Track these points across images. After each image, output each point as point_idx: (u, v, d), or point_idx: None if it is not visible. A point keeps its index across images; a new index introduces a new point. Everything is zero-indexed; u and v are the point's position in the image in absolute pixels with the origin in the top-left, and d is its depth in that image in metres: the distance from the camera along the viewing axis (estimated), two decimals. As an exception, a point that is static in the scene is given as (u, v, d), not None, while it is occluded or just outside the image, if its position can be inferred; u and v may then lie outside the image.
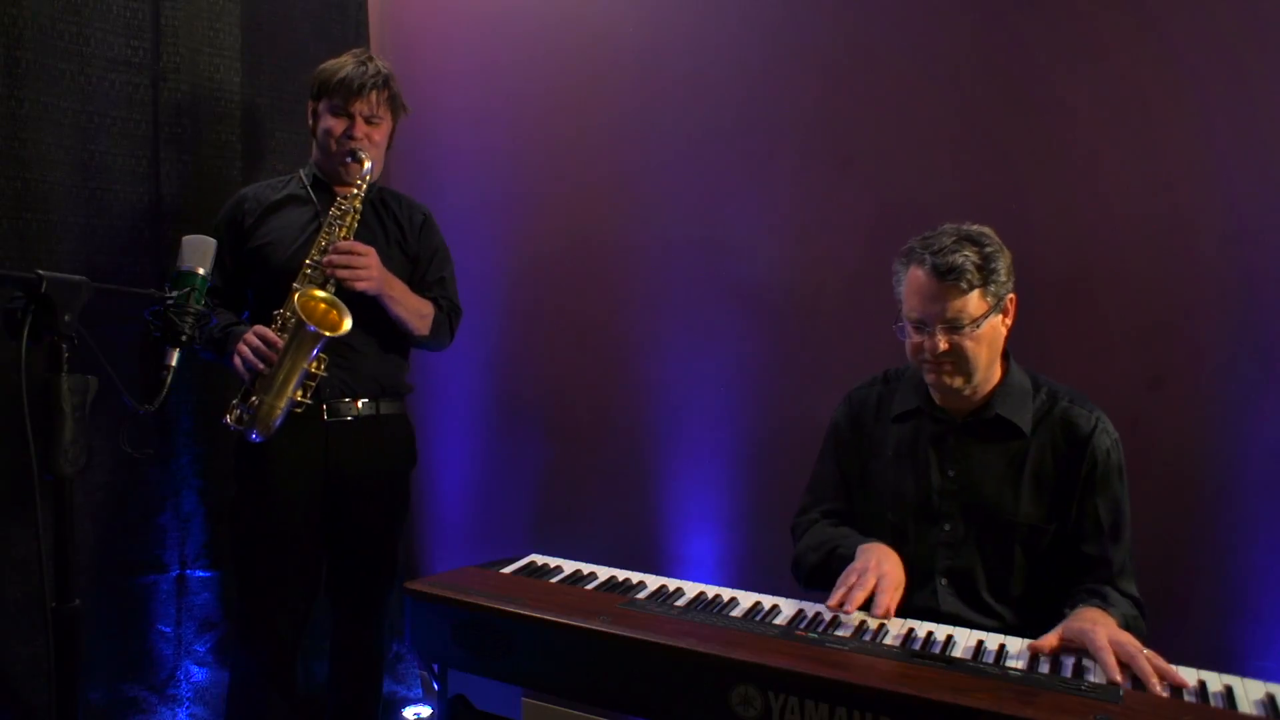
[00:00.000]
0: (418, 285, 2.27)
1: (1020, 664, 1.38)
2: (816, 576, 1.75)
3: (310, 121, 2.23)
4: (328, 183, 2.22)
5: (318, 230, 2.13)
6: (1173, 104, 1.97)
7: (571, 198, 2.69)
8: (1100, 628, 1.41)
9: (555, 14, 2.69)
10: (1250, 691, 1.31)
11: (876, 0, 2.27)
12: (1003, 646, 1.45)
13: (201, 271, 1.83)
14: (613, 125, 2.61)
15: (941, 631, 1.51)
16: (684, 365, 2.54)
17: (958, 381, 1.65)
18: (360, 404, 2.18)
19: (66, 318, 1.35)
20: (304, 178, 2.24)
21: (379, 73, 2.16)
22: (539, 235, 2.75)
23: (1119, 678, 1.32)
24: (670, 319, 2.55)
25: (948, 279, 1.59)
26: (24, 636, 2.11)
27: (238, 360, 2.01)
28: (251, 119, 2.54)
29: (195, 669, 2.48)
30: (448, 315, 2.31)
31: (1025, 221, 2.10)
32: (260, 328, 2.02)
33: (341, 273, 2.04)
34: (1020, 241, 2.10)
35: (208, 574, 2.48)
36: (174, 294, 1.74)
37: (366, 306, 2.10)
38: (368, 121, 2.16)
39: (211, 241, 1.88)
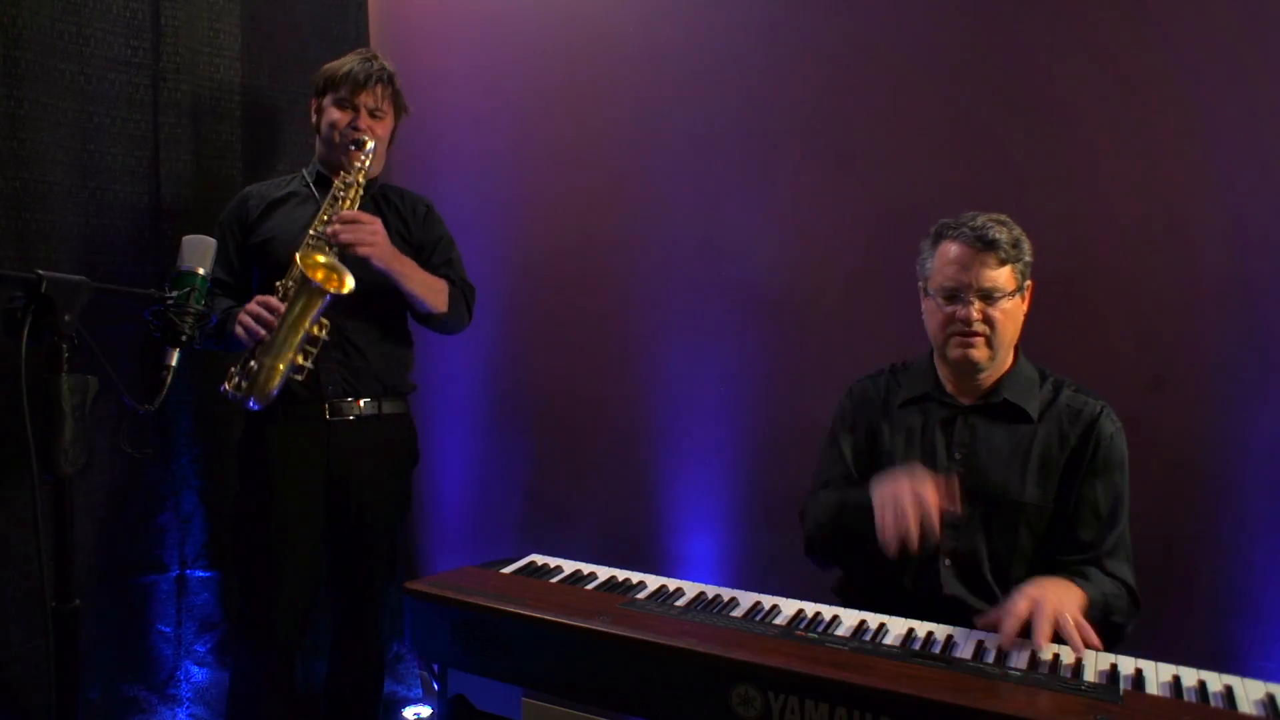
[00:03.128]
0: (426, 270, 2.25)
1: (1020, 664, 1.38)
2: (832, 543, 1.75)
3: (314, 118, 2.25)
4: (331, 178, 2.21)
5: None
6: (1173, 104, 1.97)
7: (571, 198, 2.69)
8: (1031, 592, 1.46)
9: (555, 14, 2.69)
10: (1250, 691, 1.31)
11: (876, 0, 2.27)
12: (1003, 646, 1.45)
13: (201, 271, 1.83)
14: (613, 125, 2.61)
15: (941, 631, 1.51)
16: (684, 365, 2.54)
17: (985, 354, 1.68)
18: (363, 403, 2.18)
19: (66, 318, 1.35)
20: (307, 175, 2.27)
21: (384, 69, 2.20)
22: (539, 235, 2.75)
23: (1006, 644, 1.40)
24: (670, 319, 2.55)
25: (986, 249, 1.65)
26: (24, 636, 2.11)
27: (239, 330, 1.99)
28: (251, 119, 2.54)
29: (195, 669, 2.48)
30: (463, 292, 2.31)
31: (1025, 221, 2.08)
32: (261, 296, 2.00)
33: (345, 237, 2.02)
34: (1020, 241, 2.11)
35: (208, 574, 2.48)
36: (174, 294, 1.74)
37: (370, 302, 2.10)
38: (372, 115, 2.18)
39: (211, 241, 1.88)
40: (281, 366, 1.98)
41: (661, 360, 2.57)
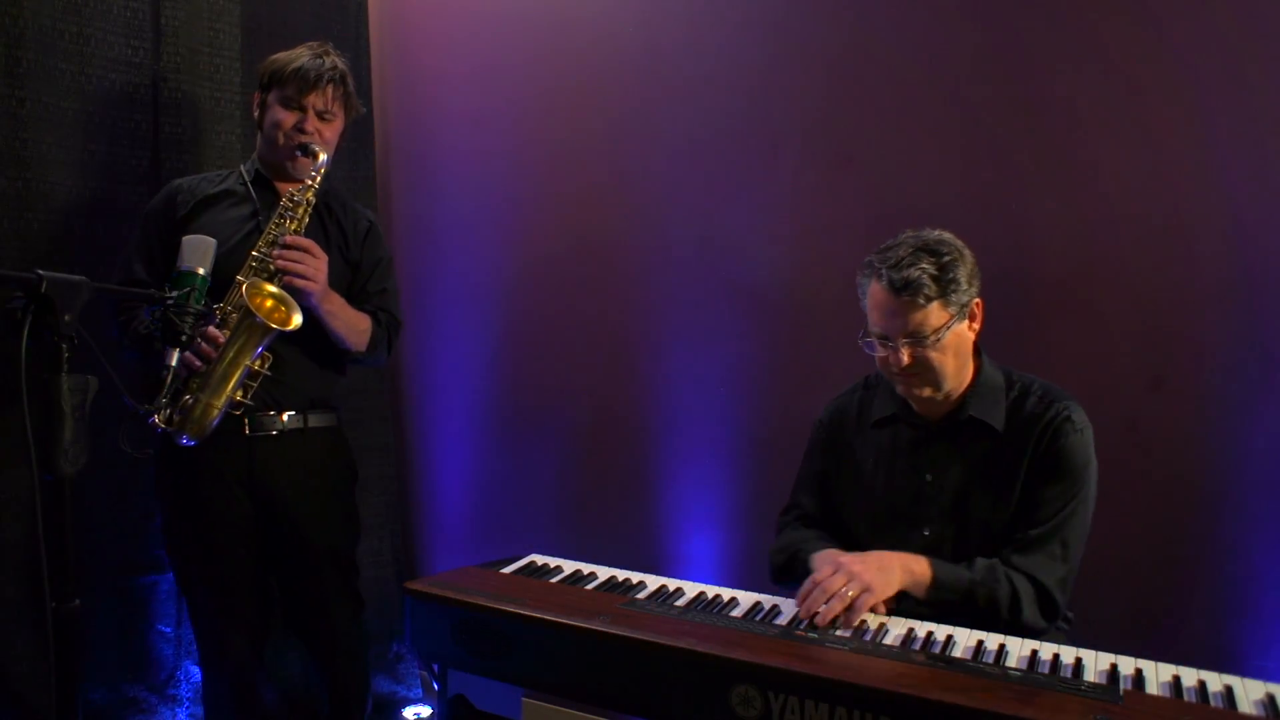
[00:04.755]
0: (358, 294, 2.19)
1: (1020, 664, 1.38)
2: (782, 575, 1.80)
3: (256, 113, 2.14)
4: (270, 178, 2.13)
5: (255, 229, 2.04)
6: (1173, 104, 1.97)
7: (571, 198, 2.69)
8: (843, 562, 1.54)
9: (555, 14, 2.69)
10: (1250, 691, 1.31)
11: (877, 0, 2.27)
12: (1002, 646, 1.45)
13: (201, 271, 1.83)
14: (613, 126, 2.61)
15: (941, 631, 1.51)
16: (684, 365, 2.54)
17: (926, 391, 1.67)
18: (286, 417, 2.06)
19: (66, 318, 1.34)
20: (244, 173, 2.14)
21: (335, 67, 2.08)
22: (539, 236, 2.75)
23: (821, 622, 1.47)
24: (670, 319, 2.55)
25: (904, 294, 1.59)
26: (24, 636, 2.11)
27: None
28: (251, 119, 2.53)
29: (195, 669, 2.47)
30: (386, 330, 2.22)
31: (1025, 221, 2.10)
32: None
33: (292, 266, 1.94)
34: (1020, 241, 2.11)
35: (208, 574, 2.48)
36: (174, 294, 1.75)
37: None
38: (320, 117, 2.08)
39: (211, 241, 1.88)
40: (220, 403, 1.89)
41: (661, 360, 2.57)
